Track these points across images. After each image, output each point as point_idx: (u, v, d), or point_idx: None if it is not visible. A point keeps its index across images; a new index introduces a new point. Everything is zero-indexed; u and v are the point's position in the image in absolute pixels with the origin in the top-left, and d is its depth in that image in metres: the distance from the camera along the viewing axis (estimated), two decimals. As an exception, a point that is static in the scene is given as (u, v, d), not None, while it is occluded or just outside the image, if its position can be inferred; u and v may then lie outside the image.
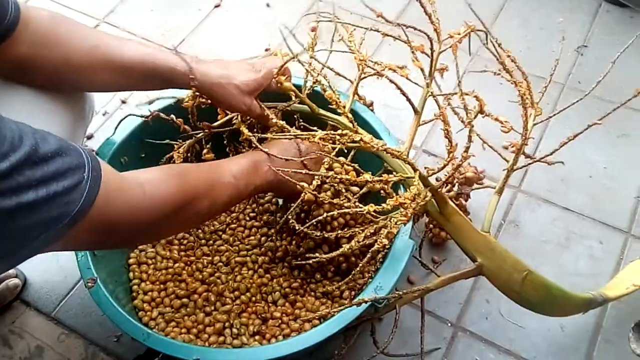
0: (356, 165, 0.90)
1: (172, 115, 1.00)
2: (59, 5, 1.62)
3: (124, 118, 1.02)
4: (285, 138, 0.91)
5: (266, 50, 1.52)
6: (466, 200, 1.11)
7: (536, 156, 1.01)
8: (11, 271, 1.11)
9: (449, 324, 1.09)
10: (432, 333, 1.07)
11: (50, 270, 1.14)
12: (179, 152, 0.98)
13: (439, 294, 1.08)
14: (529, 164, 0.98)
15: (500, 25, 1.56)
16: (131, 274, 1.06)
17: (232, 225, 1.14)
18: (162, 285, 1.05)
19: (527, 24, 1.57)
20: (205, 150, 1.01)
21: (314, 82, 0.94)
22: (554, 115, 0.96)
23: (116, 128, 1.03)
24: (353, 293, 1.02)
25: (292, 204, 0.96)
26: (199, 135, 1.00)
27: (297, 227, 0.90)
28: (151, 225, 0.72)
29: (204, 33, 1.55)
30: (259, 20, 1.59)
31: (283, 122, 0.90)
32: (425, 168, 1.03)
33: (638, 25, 1.55)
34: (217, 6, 1.63)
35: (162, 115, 1.01)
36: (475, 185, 1.11)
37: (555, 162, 0.96)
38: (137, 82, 0.87)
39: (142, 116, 1.02)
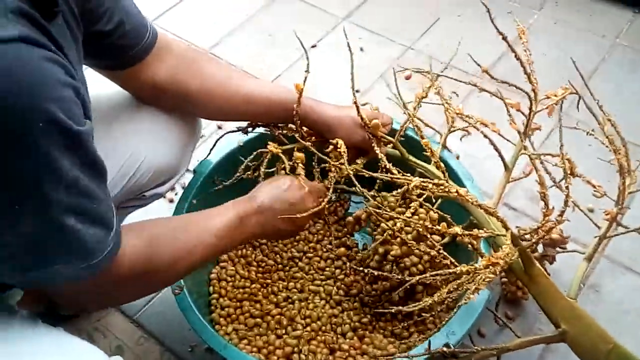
0: (448, 217, 0.88)
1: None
2: (168, 34, 1.76)
3: (220, 137, 1.06)
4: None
5: (356, 91, 1.58)
6: (551, 263, 1.09)
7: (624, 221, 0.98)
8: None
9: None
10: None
11: (137, 276, 1.21)
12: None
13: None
14: (623, 233, 0.94)
15: (593, 87, 1.55)
16: (211, 288, 1.11)
17: (309, 254, 1.17)
18: (238, 303, 1.09)
19: (621, 88, 1.55)
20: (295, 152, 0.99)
21: (404, 128, 0.98)
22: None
23: (212, 148, 1.08)
24: (422, 336, 1.02)
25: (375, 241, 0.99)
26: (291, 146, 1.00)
27: (375, 273, 0.91)
28: (124, 291, 0.76)
29: (298, 71, 1.64)
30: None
31: (384, 155, 0.92)
32: (517, 227, 1.03)
33: None
34: (313, 46, 1.72)
35: (261, 130, 1.03)
36: (559, 249, 1.08)
37: None
38: (260, 112, 0.95)
39: (239, 129, 1.04)
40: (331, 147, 0.94)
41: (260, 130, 1.03)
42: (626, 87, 1.55)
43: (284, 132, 0.99)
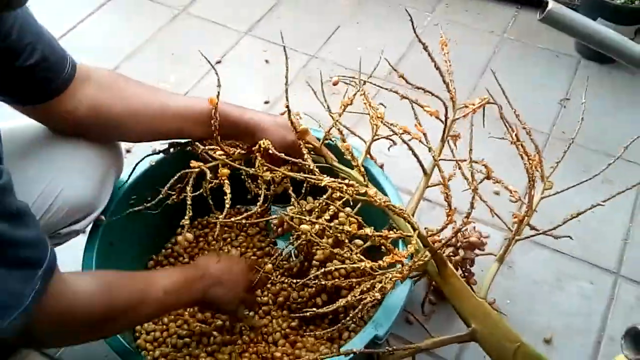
0: (360, 219, 0.90)
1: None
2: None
3: (140, 160, 1.04)
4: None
5: (265, 102, 1.60)
6: (471, 266, 1.13)
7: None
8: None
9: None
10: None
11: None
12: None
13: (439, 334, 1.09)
14: (532, 235, 0.98)
15: (487, 80, 1.65)
16: (135, 315, 1.07)
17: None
18: (164, 326, 1.07)
19: (512, 79, 1.66)
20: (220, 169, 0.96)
21: (327, 134, 1.00)
22: (553, 171, 0.98)
23: (132, 170, 1.05)
24: (353, 334, 1.04)
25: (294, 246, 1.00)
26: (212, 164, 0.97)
27: (294, 281, 0.92)
28: (77, 333, 0.76)
29: (205, 87, 1.63)
30: (258, 75, 1.67)
31: (312, 164, 0.90)
32: (425, 228, 1.06)
33: (616, 79, 1.65)
34: (218, 62, 1.72)
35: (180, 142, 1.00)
36: (478, 251, 1.12)
37: (561, 236, 0.97)
38: (190, 127, 0.93)
39: (160, 151, 1.03)
40: (257, 147, 0.91)
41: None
42: (517, 78, 1.66)
43: (206, 148, 0.97)
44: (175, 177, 0.93)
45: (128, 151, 1.45)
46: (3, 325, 0.59)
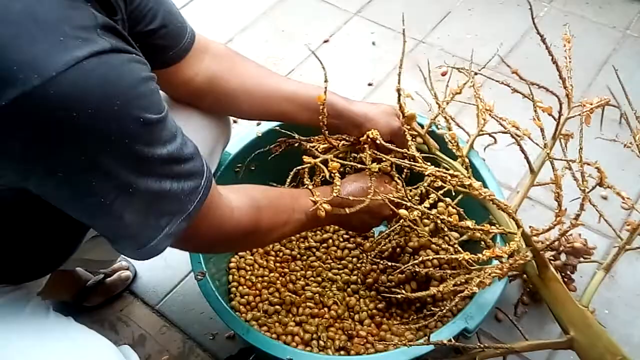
0: (461, 210, 0.89)
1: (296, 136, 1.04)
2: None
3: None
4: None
5: (369, 85, 1.60)
6: (572, 272, 1.08)
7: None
8: (124, 263, 1.22)
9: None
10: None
11: (158, 267, 1.24)
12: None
13: (529, 336, 1.07)
14: None
15: (604, 78, 1.56)
16: (230, 277, 1.13)
17: (325, 245, 1.19)
18: (257, 291, 1.11)
19: (632, 79, 1.55)
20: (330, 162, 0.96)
21: (433, 121, 0.99)
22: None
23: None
24: (440, 324, 1.03)
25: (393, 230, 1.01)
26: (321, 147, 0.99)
27: (388, 264, 0.93)
28: (228, 242, 0.81)
29: (311, 66, 1.66)
30: (364, 57, 1.68)
31: (417, 152, 0.90)
32: (530, 227, 1.03)
33: None
34: (325, 41, 1.74)
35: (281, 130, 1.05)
36: (582, 259, 1.07)
37: None
38: (299, 111, 0.94)
39: (270, 148, 1.05)
40: (365, 137, 0.91)
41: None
42: (636, 77, 1.56)
43: (314, 144, 0.98)
44: (292, 174, 0.94)
45: (235, 122, 1.51)
46: (173, 228, 0.65)
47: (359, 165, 0.93)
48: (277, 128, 1.10)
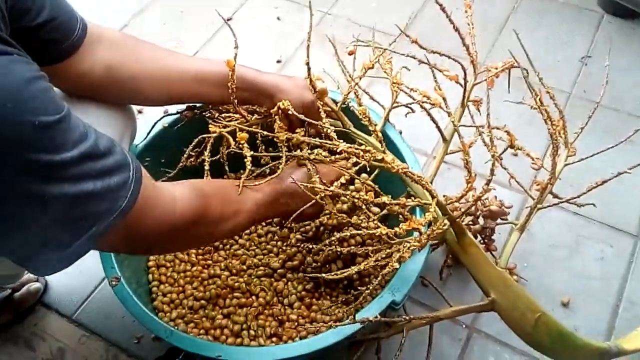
0: (377, 187, 0.89)
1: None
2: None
3: (159, 119, 1.04)
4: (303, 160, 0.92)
5: (278, 61, 1.56)
6: (491, 235, 1.11)
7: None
8: (32, 276, 1.14)
9: (464, 326, 1.10)
10: (447, 335, 1.08)
11: (71, 274, 1.15)
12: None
13: (455, 298, 1.09)
14: (555, 204, 0.95)
15: (506, 36, 1.60)
16: (150, 276, 1.08)
17: (247, 231, 1.16)
18: (180, 288, 1.07)
19: (533, 35, 1.61)
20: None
21: (346, 97, 0.96)
22: (577, 137, 0.95)
23: (150, 129, 1.05)
24: (369, 298, 1.03)
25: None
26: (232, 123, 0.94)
27: (311, 246, 0.91)
28: (173, 238, 0.76)
29: (216, 45, 1.60)
30: (271, 34, 1.63)
31: (331, 128, 0.86)
32: (444, 196, 1.04)
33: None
34: (229, 19, 1.67)
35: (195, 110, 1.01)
36: (500, 220, 1.10)
37: (584, 204, 0.94)
38: (207, 89, 0.90)
39: (177, 112, 1.02)
40: (276, 109, 0.88)
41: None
42: (537, 34, 1.61)
43: (224, 114, 0.95)
44: (195, 142, 0.91)
45: (139, 112, 1.43)
46: (100, 229, 0.61)
47: (270, 135, 0.89)
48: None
